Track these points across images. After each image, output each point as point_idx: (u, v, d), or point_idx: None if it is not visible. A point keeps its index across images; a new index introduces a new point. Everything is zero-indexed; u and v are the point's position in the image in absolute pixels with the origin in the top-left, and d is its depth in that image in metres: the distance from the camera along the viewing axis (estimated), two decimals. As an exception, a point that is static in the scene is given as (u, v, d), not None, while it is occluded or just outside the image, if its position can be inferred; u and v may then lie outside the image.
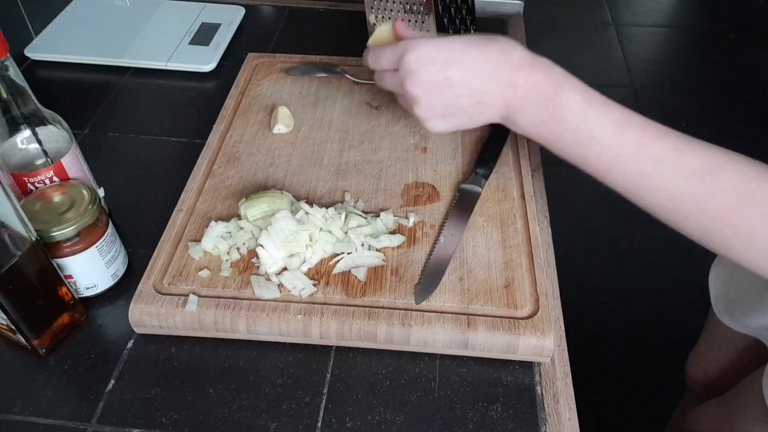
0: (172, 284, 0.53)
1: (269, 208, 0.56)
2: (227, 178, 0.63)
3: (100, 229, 0.52)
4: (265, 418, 0.48)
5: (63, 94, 0.68)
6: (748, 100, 2.10)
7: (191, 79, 0.81)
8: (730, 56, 2.30)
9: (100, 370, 0.50)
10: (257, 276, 0.53)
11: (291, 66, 0.78)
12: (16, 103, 0.51)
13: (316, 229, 0.55)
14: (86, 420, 0.47)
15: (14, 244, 0.46)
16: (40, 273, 0.48)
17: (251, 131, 0.68)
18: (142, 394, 0.49)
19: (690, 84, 2.18)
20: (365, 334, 0.50)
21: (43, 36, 0.86)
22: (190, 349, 0.52)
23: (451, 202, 0.61)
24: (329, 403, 0.49)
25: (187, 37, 0.86)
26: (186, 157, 0.67)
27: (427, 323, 0.50)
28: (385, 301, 0.52)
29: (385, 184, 0.63)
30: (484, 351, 0.50)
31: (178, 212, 0.59)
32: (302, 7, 0.97)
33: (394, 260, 0.55)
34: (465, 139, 0.68)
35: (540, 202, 0.64)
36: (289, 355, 0.52)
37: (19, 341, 0.50)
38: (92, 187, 0.53)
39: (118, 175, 0.68)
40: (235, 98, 0.73)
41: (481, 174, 0.62)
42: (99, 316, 0.54)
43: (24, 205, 0.50)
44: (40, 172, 0.53)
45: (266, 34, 0.91)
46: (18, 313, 0.47)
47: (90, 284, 0.54)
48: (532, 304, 0.52)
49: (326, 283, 0.53)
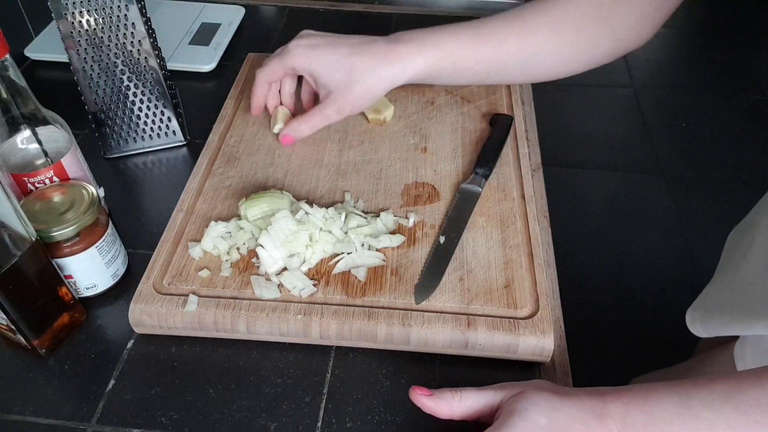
0: (172, 284, 0.53)
1: (269, 208, 0.56)
2: (227, 178, 0.63)
3: (100, 229, 0.52)
4: (265, 418, 0.48)
5: (63, 94, 0.68)
6: (748, 100, 2.10)
7: (191, 79, 0.81)
8: (730, 56, 2.30)
9: (100, 370, 0.50)
10: (257, 276, 0.53)
11: (291, 66, 0.78)
12: (16, 103, 0.51)
13: (316, 229, 0.55)
14: (86, 420, 0.47)
15: (14, 244, 0.46)
16: (40, 273, 0.48)
17: (251, 131, 0.68)
18: (142, 394, 0.49)
19: (690, 84, 2.18)
20: (365, 334, 0.50)
21: (43, 36, 0.86)
22: (190, 349, 0.52)
23: (451, 202, 0.61)
24: (329, 403, 0.49)
25: (187, 37, 0.86)
26: (186, 157, 0.67)
27: (427, 323, 0.50)
28: (385, 301, 0.52)
29: (385, 184, 0.63)
30: (484, 351, 0.50)
31: (178, 212, 0.59)
32: (302, 7, 0.97)
33: (394, 260, 0.55)
34: (465, 139, 0.68)
35: (540, 202, 0.64)
36: (289, 355, 0.52)
37: (19, 341, 0.50)
38: (92, 187, 0.53)
39: (119, 175, 0.68)
40: (235, 98, 0.73)
41: (481, 174, 0.62)
42: (99, 316, 0.54)
43: (24, 205, 0.50)
44: (40, 172, 0.53)
45: (266, 34, 0.91)
46: (18, 313, 0.47)
47: (90, 284, 0.54)
48: (532, 304, 0.52)
49: (326, 283, 0.53)
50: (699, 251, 1.58)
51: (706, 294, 0.64)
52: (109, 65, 0.63)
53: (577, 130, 1.91)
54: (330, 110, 0.63)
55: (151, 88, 0.67)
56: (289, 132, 0.65)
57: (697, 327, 0.61)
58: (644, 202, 1.73)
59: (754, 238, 0.57)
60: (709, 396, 0.39)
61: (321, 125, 0.64)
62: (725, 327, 0.57)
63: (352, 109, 0.63)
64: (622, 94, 2.08)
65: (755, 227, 0.58)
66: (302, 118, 0.64)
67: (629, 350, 1.37)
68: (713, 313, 0.59)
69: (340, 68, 0.60)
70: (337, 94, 0.61)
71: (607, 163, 1.80)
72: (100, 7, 0.60)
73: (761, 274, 0.54)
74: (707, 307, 0.61)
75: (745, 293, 0.56)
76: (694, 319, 0.61)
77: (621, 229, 1.65)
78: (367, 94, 0.61)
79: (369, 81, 0.60)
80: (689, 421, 0.39)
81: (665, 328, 1.46)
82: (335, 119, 0.64)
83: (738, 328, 0.56)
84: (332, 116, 0.63)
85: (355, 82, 0.60)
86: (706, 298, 0.63)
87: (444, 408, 0.43)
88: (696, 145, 1.88)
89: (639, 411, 0.40)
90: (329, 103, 0.62)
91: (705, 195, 1.73)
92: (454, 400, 0.43)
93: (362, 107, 0.64)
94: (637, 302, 1.50)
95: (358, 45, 0.61)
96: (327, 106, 0.62)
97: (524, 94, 0.77)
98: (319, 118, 0.64)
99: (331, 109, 0.62)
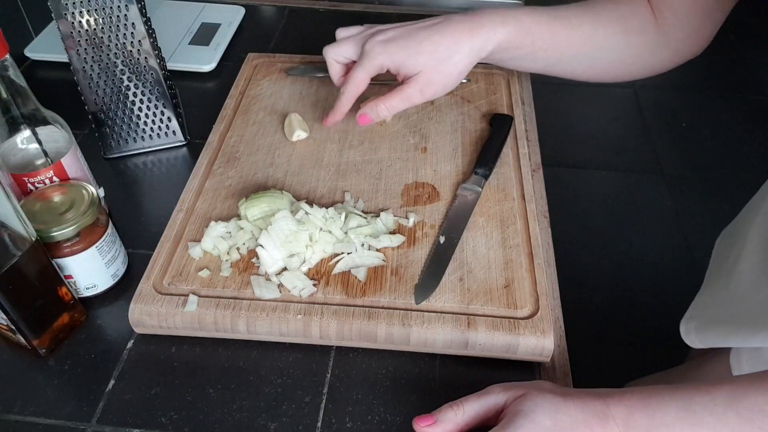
0: (172, 284, 0.53)
1: (269, 208, 0.56)
2: (227, 178, 0.63)
3: (100, 229, 0.52)
4: (265, 418, 0.48)
5: (63, 94, 0.68)
6: (748, 100, 2.10)
7: (191, 79, 0.81)
8: (730, 56, 2.30)
9: (100, 370, 0.50)
10: (257, 276, 0.53)
11: (291, 66, 0.78)
12: (16, 103, 0.51)
13: (316, 229, 0.55)
14: (86, 420, 0.47)
15: (14, 244, 0.46)
16: (40, 273, 0.48)
17: (251, 131, 0.68)
18: (142, 394, 0.49)
19: (690, 84, 2.18)
20: (365, 334, 0.50)
21: (43, 36, 0.86)
22: (190, 349, 0.52)
23: (451, 202, 0.61)
24: (329, 403, 0.49)
25: (187, 37, 0.86)
26: (186, 157, 0.67)
27: (427, 323, 0.50)
28: (385, 301, 0.52)
29: (385, 184, 0.63)
30: (484, 351, 0.50)
31: (178, 212, 0.59)
32: (302, 7, 0.97)
33: (394, 260, 0.55)
34: (465, 139, 0.68)
35: (540, 202, 0.64)
36: (289, 355, 0.52)
37: (19, 341, 0.50)
38: (92, 187, 0.53)
39: (119, 175, 0.68)
40: (235, 98, 0.73)
41: (481, 174, 0.62)
42: (99, 316, 0.54)
43: (24, 205, 0.50)
44: (40, 172, 0.53)
45: (266, 34, 0.91)
46: (18, 313, 0.47)
47: (90, 284, 0.54)
48: (532, 304, 0.52)
49: (326, 283, 0.53)
50: (699, 251, 1.58)
51: (698, 303, 0.63)
52: (109, 65, 0.63)
53: (577, 130, 1.91)
54: (411, 90, 0.61)
55: (151, 88, 0.67)
56: (367, 112, 0.63)
57: (692, 338, 0.61)
58: (644, 202, 1.73)
59: (744, 245, 0.57)
60: (711, 401, 0.39)
61: (400, 107, 0.62)
62: (722, 339, 0.57)
63: (436, 89, 0.61)
64: (622, 94, 2.08)
65: (744, 233, 0.58)
66: (381, 98, 0.62)
67: (629, 350, 1.37)
68: (708, 324, 0.59)
69: (424, 50, 0.59)
70: (421, 75, 0.60)
71: (607, 163, 1.80)
72: (100, 7, 0.60)
73: (754, 283, 0.54)
74: (701, 317, 0.60)
75: (740, 303, 0.55)
76: (689, 330, 0.61)
77: (621, 229, 1.65)
78: (455, 70, 0.60)
79: (456, 56, 0.59)
80: (691, 426, 0.39)
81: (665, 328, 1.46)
82: (417, 101, 0.62)
83: (735, 340, 0.55)
84: (414, 97, 0.61)
85: (441, 60, 0.59)
86: (699, 308, 0.62)
87: (450, 428, 0.43)
88: (696, 145, 1.88)
89: (641, 414, 0.40)
90: (411, 84, 0.60)
91: (705, 195, 1.73)
92: (458, 416, 0.43)
93: (447, 86, 0.62)
94: (637, 302, 1.50)
95: (434, 25, 0.60)
96: (409, 86, 0.61)
97: (524, 94, 0.77)
98: (399, 99, 0.61)
99: (412, 89, 0.61)
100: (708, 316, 0.60)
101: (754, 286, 0.53)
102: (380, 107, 0.62)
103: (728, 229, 0.65)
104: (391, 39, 0.60)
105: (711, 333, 0.58)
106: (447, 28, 0.60)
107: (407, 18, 0.65)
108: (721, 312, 0.58)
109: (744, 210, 0.62)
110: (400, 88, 0.61)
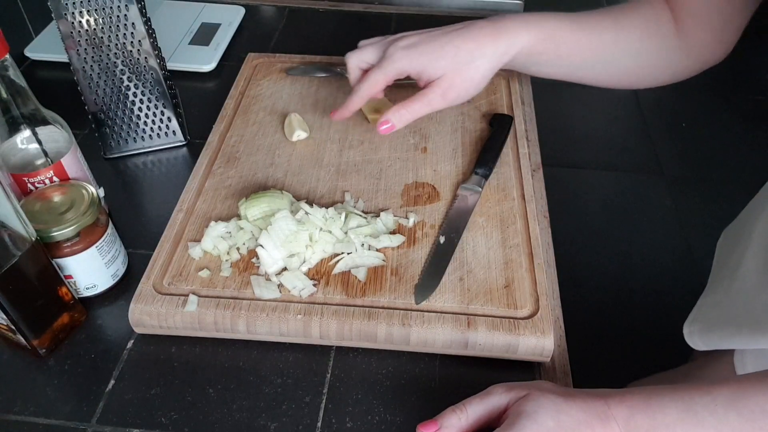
0: (172, 284, 0.53)
1: (269, 208, 0.56)
2: (227, 178, 0.63)
3: (100, 229, 0.52)
4: (265, 418, 0.48)
5: (63, 94, 0.68)
6: (748, 100, 2.10)
7: (191, 79, 0.81)
8: (730, 56, 2.30)
9: (100, 370, 0.50)
10: (257, 276, 0.53)
11: (291, 66, 0.78)
12: (16, 103, 0.51)
13: (316, 229, 0.55)
14: (86, 420, 0.47)
15: (14, 244, 0.46)
16: (40, 273, 0.48)
17: (251, 131, 0.68)
18: (142, 394, 0.49)
19: (690, 84, 2.18)
20: (365, 334, 0.50)
21: (43, 36, 0.86)
22: (190, 349, 0.52)
23: (451, 202, 0.61)
24: (329, 403, 0.49)
25: (187, 37, 0.86)
26: (186, 157, 0.67)
27: (427, 323, 0.50)
28: (385, 301, 0.52)
29: (385, 184, 0.63)
30: (484, 351, 0.50)
31: (178, 212, 0.59)
32: (302, 7, 0.97)
33: (394, 260, 0.55)
34: (465, 139, 0.68)
35: (540, 202, 0.64)
36: (289, 355, 0.52)
37: (19, 341, 0.50)
38: (92, 187, 0.53)
39: (119, 175, 0.68)
40: (235, 98, 0.73)
41: (481, 174, 0.62)
42: (99, 316, 0.54)
43: (24, 205, 0.50)
44: (40, 172, 0.53)
45: (266, 34, 0.91)
46: (18, 313, 0.47)
47: (90, 284, 0.54)
48: (532, 304, 0.52)
49: (326, 283, 0.53)
50: (699, 251, 1.58)
51: (701, 306, 0.63)
52: (109, 65, 0.63)
53: (577, 130, 1.91)
54: (433, 95, 0.60)
55: (151, 88, 0.67)
56: (390, 117, 0.61)
57: (695, 341, 0.60)
58: (644, 202, 1.72)
59: (748, 246, 0.56)
60: (712, 402, 0.39)
61: (423, 112, 0.61)
62: (726, 341, 0.56)
63: (458, 94, 0.61)
64: (622, 94, 2.08)
65: (747, 234, 0.57)
66: (403, 103, 0.61)
67: (629, 350, 1.37)
68: (712, 327, 0.58)
69: (445, 55, 0.59)
70: (443, 79, 0.59)
71: (607, 163, 1.80)
72: (100, 7, 0.60)
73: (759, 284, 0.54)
74: (705, 320, 0.60)
75: (744, 305, 0.55)
76: (693, 333, 0.61)
77: (621, 229, 1.65)
78: (477, 74, 0.60)
79: (478, 60, 0.59)
80: (693, 427, 0.39)
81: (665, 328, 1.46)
82: (438, 106, 0.61)
83: (740, 342, 0.55)
84: (435, 102, 0.61)
85: (464, 64, 0.59)
86: (702, 311, 0.62)
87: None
88: (696, 145, 1.88)
89: (642, 415, 0.40)
90: (433, 88, 0.60)
91: (705, 195, 1.73)
92: (461, 420, 0.43)
93: (469, 90, 0.61)
94: (637, 302, 1.50)
95: (457, 30, 0.60)
96: (431, 90, 0.60)
97: (524, 94, 0.77)
98: (420, 104, 0.61)
99: (434, 93, 0.60)
100: (712, 318, 0.60)
101: (759, 287, 0.53)
102: (402, 111, 0.61)
103: (730, 229, 0.65)
104: (413, 44, 0.60)
105: (715, 335, 0.58)
106: (469, 33, 0.59)
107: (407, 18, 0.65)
108: (725, 314, 0.58)
109: (746, 210, 0.62)
110: (422, 92, 0.61)
